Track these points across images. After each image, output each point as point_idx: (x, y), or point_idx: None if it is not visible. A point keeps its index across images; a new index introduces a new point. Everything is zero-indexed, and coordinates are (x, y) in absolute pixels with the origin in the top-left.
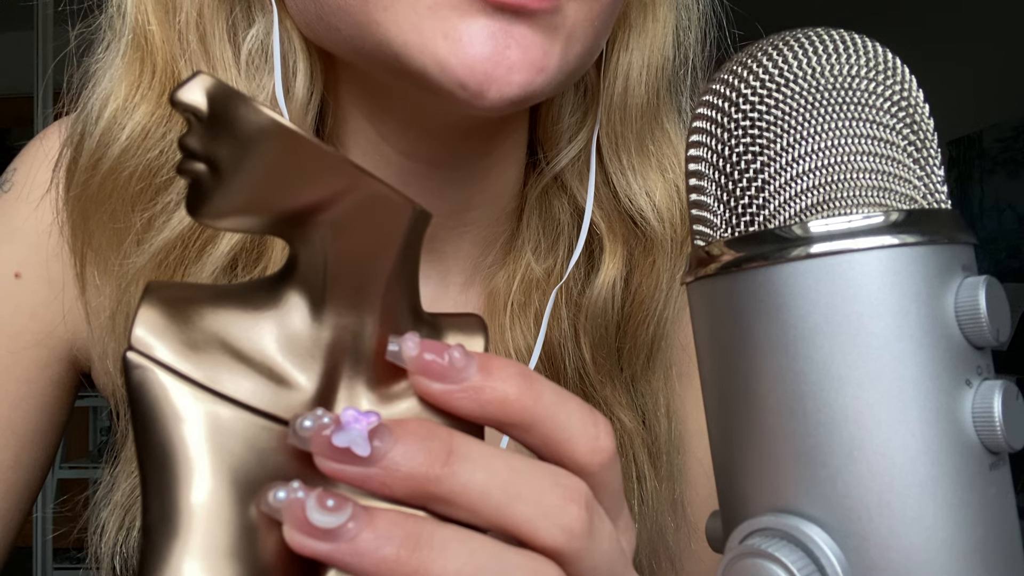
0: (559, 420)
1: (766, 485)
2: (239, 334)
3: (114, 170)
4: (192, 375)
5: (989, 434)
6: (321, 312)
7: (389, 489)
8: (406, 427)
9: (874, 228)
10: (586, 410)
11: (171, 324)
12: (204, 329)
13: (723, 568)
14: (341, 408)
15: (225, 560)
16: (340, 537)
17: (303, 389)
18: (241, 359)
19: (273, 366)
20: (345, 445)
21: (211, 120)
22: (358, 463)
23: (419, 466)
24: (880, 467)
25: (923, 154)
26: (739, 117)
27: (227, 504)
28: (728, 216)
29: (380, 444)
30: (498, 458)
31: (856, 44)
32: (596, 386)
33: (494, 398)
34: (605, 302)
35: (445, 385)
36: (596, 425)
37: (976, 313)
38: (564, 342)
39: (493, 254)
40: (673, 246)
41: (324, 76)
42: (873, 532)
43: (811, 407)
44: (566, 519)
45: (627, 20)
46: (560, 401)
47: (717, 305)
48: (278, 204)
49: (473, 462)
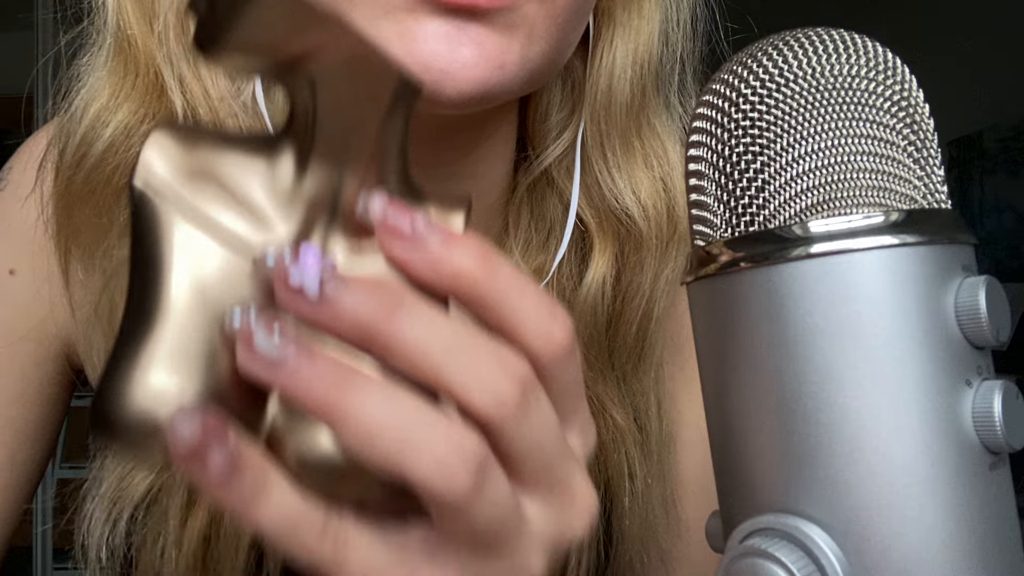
0: (513, 303)
1: (766, 485)
2: (233, 172)
3: (97, 166)
4: (186, 200)
5: (989, 434)
6: (306, 164)
7: (335, 329)
8: (360, 279)
9: (874, 228)
10: (546, 301)
11: (176, 151)
12: (203, 162)
13: (723, 568)
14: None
15: (188, 364)
16: (280, 365)
17: (280, 232)
18: (231, 195)
19: (257, 207)
20: (298, 283)
21: None
22: (310, 300)
23: (366, 312)
24: (880, 467)
25: (923, 154)
26: (739, 117)
27: (198, 318)
28: (728, 216)
29: (332, 285)
30: (444, 322)
31: (856, 44)
32: (588, 383)
33: (451, 269)
34: (595, 299)
35: (405, 248)
36: (553, 317)
37: (976, 313)
38: None
39: None
40: (659, 243)
41: None
42: (873, 532)
43: (811, 407)
44: (498, 388)
45: (612, 16)
46: (518, 286)
47: (717, 305)
48: (272, 49)
49: (419, 319)
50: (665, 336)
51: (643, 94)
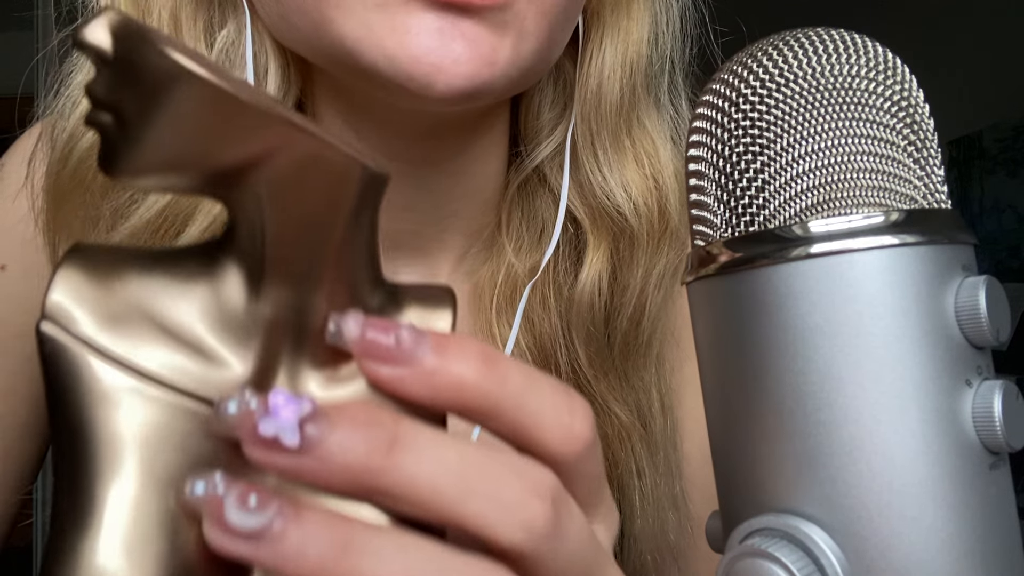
0: (527, 406)
1: (766, 485)
2: (167, 304)
3: (84, 161)
4: (111, 349)
5: (989, 434)
6: (260, 284)
7: (324, 482)
8: (344, 412)
9: (874, 228)
10: (560, 393)
11: (92, 289)
12: (128, 297)
13: (723, 568)
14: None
15: (143, 557)
16: (262, 538)
17: (235, 369)
18: (167, 333)
19: (203, 343)
20: (272, 434)
21: (116, 64)
22: (288, 453)
23: (357, 457)
24: (880, 467)
25: (923, 154)
26: (739, 117)
27: (146, 494)
28: (728, 216)
29: (313, 431)
30: (450, 447)
31: (856, 44)
32: (591, 380)
33: (450, 382)
34: (592, 296)
35: (394, 368)
36: (571, 410)
37: (976, 313)
38: (556, 337)
39: (478, 245)
40: (651, 239)
41: (300, 78)
42: (873, 532)
43: (811, 407)
44: (527, 515)
45: (601, 17)
46: (529, 384)
47: (717, 305)
48: (198, 163)
49: (420, 451)
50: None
51: (633, 94)
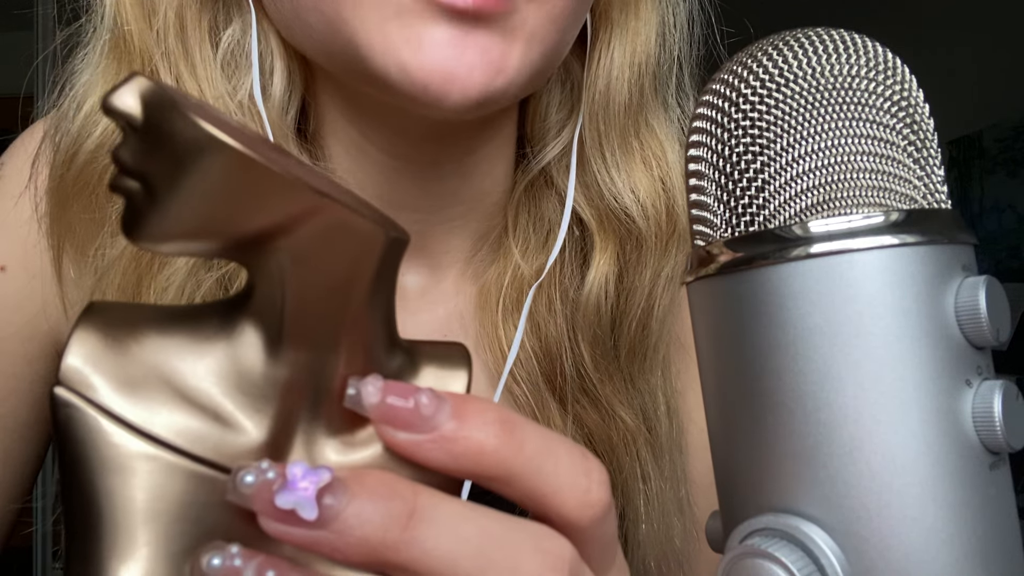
0: (544, 472)
1: (766, 485)
2: (183, 368)
3: (89, 163)
4: (126, 416)
5: (989, 434)
6: (278, 348)
7: (342, 555)
8: (363, 483)
9: (874, 228)
10: (576, 456)
11: (108, 352)
12: (144, 361)
13: (723, 568)
14: (295, 457)
15: None
16: None
17: (252, 434)
18: (184, 398)
19: (219, 407)
20: (290, 507)
21: (145, 131)
22: (305, 525)
23: (375, 530)
24: (880, 467)
25: (923, 154)
26: (739, 117)
27: (160, 568)
28: (728, 216)
29: (331, 503)
30: (469, 520)
31: (856, 44)
32: (596, 384)
33: (468, 449)
34: (598, 299)
35: (412, 435)
36: (588, 475)
37: (976, 313)
38: (561, 339)
39: (485, 247)
40: (659, 241)
41: (304, 78)
42: (873, 532)
43: (811, 407)
44: None
45: (609, 18)
46: (546, 449)
47: (717, 305)
48: (223, 230)
49: (439, 525)
50: (670, 335)
51: (641, 95)
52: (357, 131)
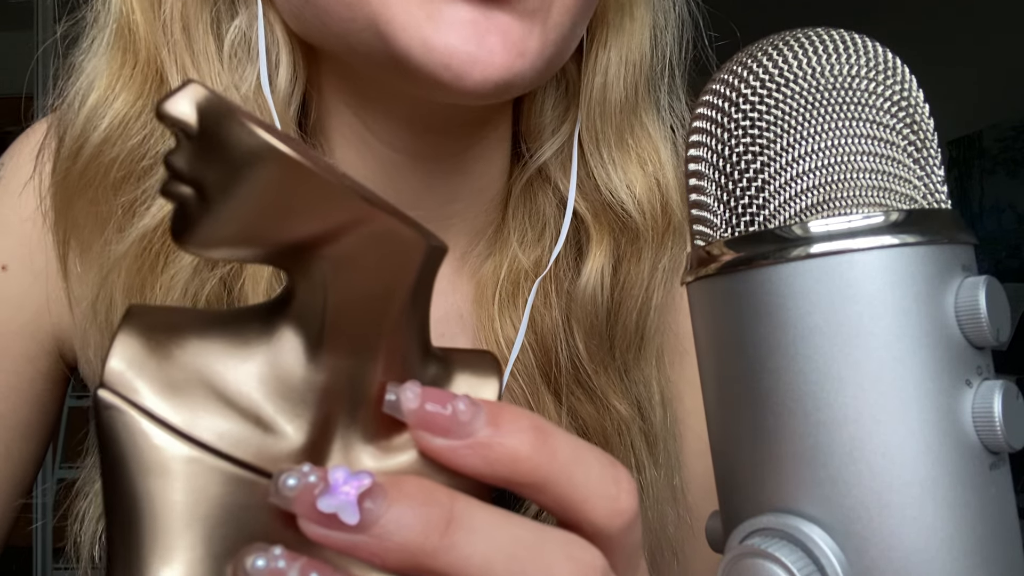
0: (576, 480)
1: (766, 485)
2: (224, 372)
3: (95, 156)
4: (168, 419)
5: (989, 434)
6: (318, 353)
7: (380, 559)
8: (402, 489)
9: (874, 228)
10: (607, 465)
11: (151, 356)
12: (186, 365)
13: (723, 568)
14: (334, 462)
15: None
16: None
17: (292, 438)
18: (225, 401)
19: (260, 411)
20: (332, 511)
21: (201, 138)
22: (346, 530)
23: (414, 536)
24: (880, 467)
25: (923, 154)
26: (739, 117)
27: (202, 569)
28: (728, 216)
29: (371, 507)
30: (504, 528)
31: (856, 44)
32: (591, 375)
33: (503, 455)
34: (594, 291)
35: (448, 440)
36: (617, 483)
37: (976, 313)
38: (557, 331)
39: (481, 244)
40: (654, 234)
41: (307, 69)
42: (873, 532)
43: (811, 407)
44: None
45: (605, 19)
46: (577, 457)
47: (717, 305)
48: (272, 237)
49: (475, 532)
50: (665, 327)
51: (636, 93)
52: (361, 122)
